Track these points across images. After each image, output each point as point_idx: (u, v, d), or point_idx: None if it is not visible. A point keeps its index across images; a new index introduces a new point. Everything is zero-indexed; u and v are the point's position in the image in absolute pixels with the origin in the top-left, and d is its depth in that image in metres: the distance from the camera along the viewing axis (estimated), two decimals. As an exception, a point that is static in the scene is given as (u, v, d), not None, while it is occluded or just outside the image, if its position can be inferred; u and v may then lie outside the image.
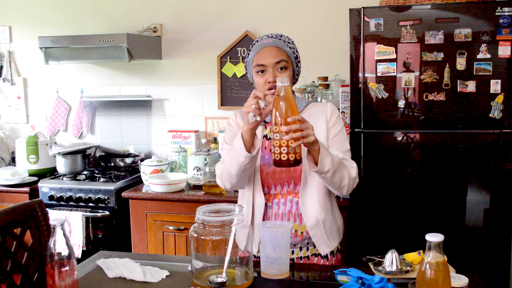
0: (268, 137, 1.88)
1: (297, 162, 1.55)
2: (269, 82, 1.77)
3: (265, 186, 1.86)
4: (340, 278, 1.56)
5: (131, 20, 3.61)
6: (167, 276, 1.67)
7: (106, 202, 3.12)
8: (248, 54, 1.87)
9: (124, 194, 3.03)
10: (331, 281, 1.60)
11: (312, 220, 1.82)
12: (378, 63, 2.54)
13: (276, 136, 1.52)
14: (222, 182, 1.86)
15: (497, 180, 2.51)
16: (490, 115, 2.47)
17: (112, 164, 3.48)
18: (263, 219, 1.85)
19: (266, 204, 1.85)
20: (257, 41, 1.85)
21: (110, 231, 3.13)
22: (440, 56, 2.47)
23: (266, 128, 1.90)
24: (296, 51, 1.85)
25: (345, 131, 1.90)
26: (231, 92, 3.50)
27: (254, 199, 1.85)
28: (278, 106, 1.53)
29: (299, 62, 1.86)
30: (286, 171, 1.82)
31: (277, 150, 1.52)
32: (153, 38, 3.56)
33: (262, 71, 1.79)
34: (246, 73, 1.92)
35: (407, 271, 1.63)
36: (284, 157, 1.54)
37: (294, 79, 1.87)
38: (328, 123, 1.85)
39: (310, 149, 1.64)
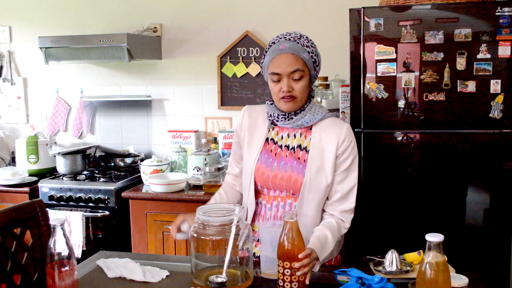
0: (275, 141, 1.86)
1: None
2: (283, 91, 1.75)
3: (264, 188, 1.85)
4: (340, 278, 1.56)
5: (131, 20, 3.61)
6: (167, 276, 1.67)
7: (106, 202, 3.12)
8: (264, 55, 1.81)
9: (124, 194, 3.03)
10: (331, 281, 1.60)
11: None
12: (378, 63, 2.54)
13: (287, 272, 1.47)
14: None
15: (497, 180, 2.51)
16: (490, 115, 2.47)
17: (112, 164, 3.48)
18: (262, 219, 1.86)
19: (258, 205, 1.86)
20: (274, 42, 1.78)
21: (110, 231, 3.13)
22: (440, 56, 2.47)
23: (272, 130, 1.88)
24: (315, 54, 1.78)
25: (356, 163, 1.81)
26: (231, 92, 3.50)
27: (248, 200, 1.86)
28: (287, 242, 1.48)
29: (317, 65, 1.80)
30: (286, 181, 1.80)
31: (287, 285, 1.48)
32: (153, 38, 3.56)
33: (277, 80, 1.76)
34: (262, 72, 1.88)
35: (407, 271, 1.63)
36: None
37: (311, 83, 1.81)
38: (338, 149, 1.79)
39: None
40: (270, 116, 1.85)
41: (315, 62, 1.78)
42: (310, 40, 1.80)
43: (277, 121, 1.84)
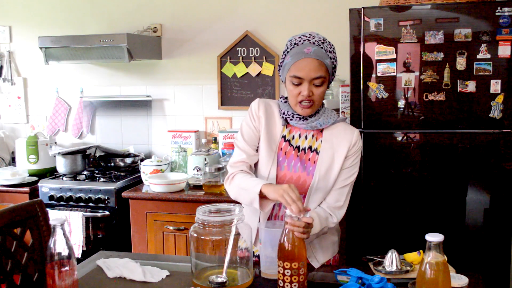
0: (286, 139, 1.85)
1: None
2: (302, 95, 1.72)
3: None
4: (340, 278, 1.56)
5: (131, 20, 3.61)
6: (167, 276, 1.67)
7: (106, 202, 3.12)
8: (285, 55, 1.77)
9: (124, 194, 3.03)
10: (331, 281, 1.60)
11: None
12: (378, 63, 2.54)
13: (287, 272, 1.46)
14: (228, 192, 1.86)
15: (497, 180, 2.51)
16: (490, 115, 2.47)
17: (112, 164, 3.48)
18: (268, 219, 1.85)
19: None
20: (296, 44, 1.74)
21: (110, 231, 3.13)
22: (440, 56, 2.47)
23: (286, 128, 1.86)
24: (336, 60, 1.78)
25: (357, 166, 1.85)
26: (231, 92, 3.50)
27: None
28: (288, 243, 1.47)
29: (335, 71, 1.80)
30: (295, 181, 1.81)
31: (287, 285, 1.47)
32: (153, 38, 3.56)
33: (297, 83, 1.73)
34: (279, 70, 1.84)
35: (407, 271, 1.63)
36: None
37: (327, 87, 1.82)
38: (348, 152, 1.81)
39: None
40: (284, 114, 1.82)
41: (334, 68, 1.78)
42: (332, 45, 1.78)
43: (290, 119, 1.81)
